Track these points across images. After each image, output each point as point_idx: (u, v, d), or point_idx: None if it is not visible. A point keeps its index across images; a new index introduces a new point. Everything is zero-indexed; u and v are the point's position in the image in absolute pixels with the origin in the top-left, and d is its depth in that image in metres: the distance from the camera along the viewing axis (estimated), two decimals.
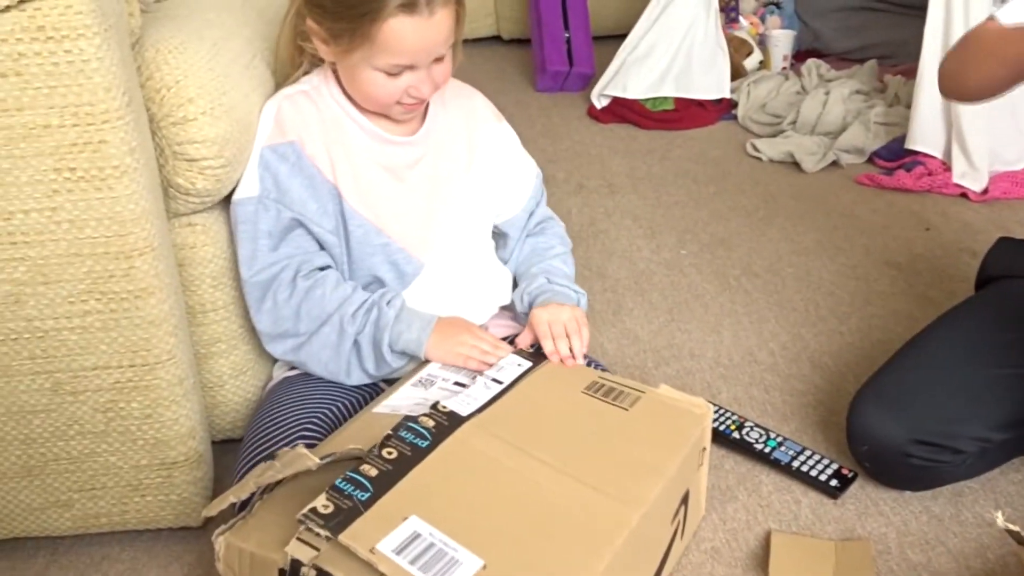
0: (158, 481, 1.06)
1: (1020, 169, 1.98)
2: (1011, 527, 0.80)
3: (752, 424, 1.28)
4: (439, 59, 1.08)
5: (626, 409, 1.01)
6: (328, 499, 0.80)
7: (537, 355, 1.10)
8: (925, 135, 2.05)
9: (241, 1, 1.23)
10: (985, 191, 1.96)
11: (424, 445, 0.90)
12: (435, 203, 1.18)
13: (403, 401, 1.02)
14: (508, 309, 1.26)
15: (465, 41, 1.15)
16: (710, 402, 1.30)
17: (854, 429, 1.17)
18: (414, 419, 0.93)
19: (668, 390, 1.06)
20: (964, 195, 1.98)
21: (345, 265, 1.14)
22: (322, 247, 1.11)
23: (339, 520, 0.79)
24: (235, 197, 1.09)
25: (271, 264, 1.08)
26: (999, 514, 0.82)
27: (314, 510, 0.79)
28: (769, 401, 1.37)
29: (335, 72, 1.13)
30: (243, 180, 1.08)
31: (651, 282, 1.74)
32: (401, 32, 1.02)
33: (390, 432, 0.91)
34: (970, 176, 1.98)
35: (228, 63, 1.06)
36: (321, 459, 0.84)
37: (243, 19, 1.19)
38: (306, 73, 1.16)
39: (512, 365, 1.07)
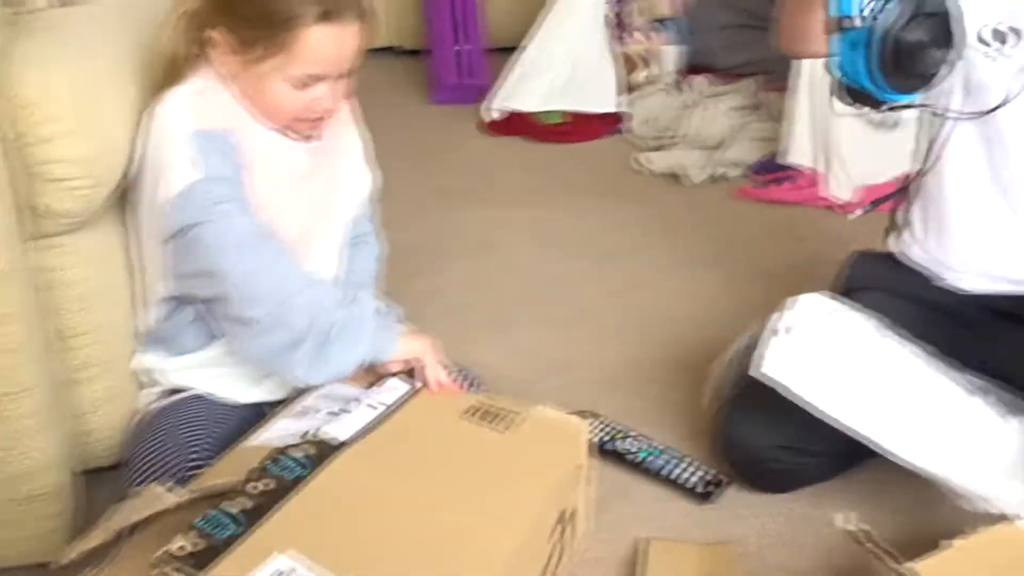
0: (16, 516, 1.02)
1: (884, 182, 2.08)
2: (850, 528, 0.85)
3: (631, 434, 1.32)
4: (345, 74, 1.10)
5: (504, 432, 1.02)
6: (186, 540, 0.79)
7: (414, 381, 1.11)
8: (798, 149, 2.14)
9: (117, 17, 1.20)
10: (853, 203, 2.07)
11: (296, 476, 0.89)
12: (321, 210, 1.19)
13: (278, 433, 1.00)
14: None
15: None
16: (592, 413, 1.35)
17: (724, 436, 1.23)
18: (284, 450, 0.92)
19: (546, 409, 1.07)
20: (831, 207, 2.08)
21: None
22: None
23: (197, 562, 0.77)
24: (173, 190, 1.02)
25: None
26: (839, 516, 0.87)
27: (168, 553, 0.77)
28: (649, 410, 1.42)
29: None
30: (174, 172, 1.03)
31: (540, 295, 1.77)
32: (320, 41, 1.03)
33: (259, 464, 0.90)
34: (839, 189, 2.08)
35: (98, 80, 1.04)
36: (182, 497, 0.83)
37: (117, 35, 1.16)
38: None
39: (393, 388, 1.07)
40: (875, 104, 0.93)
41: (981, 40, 1.14)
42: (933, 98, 1.21)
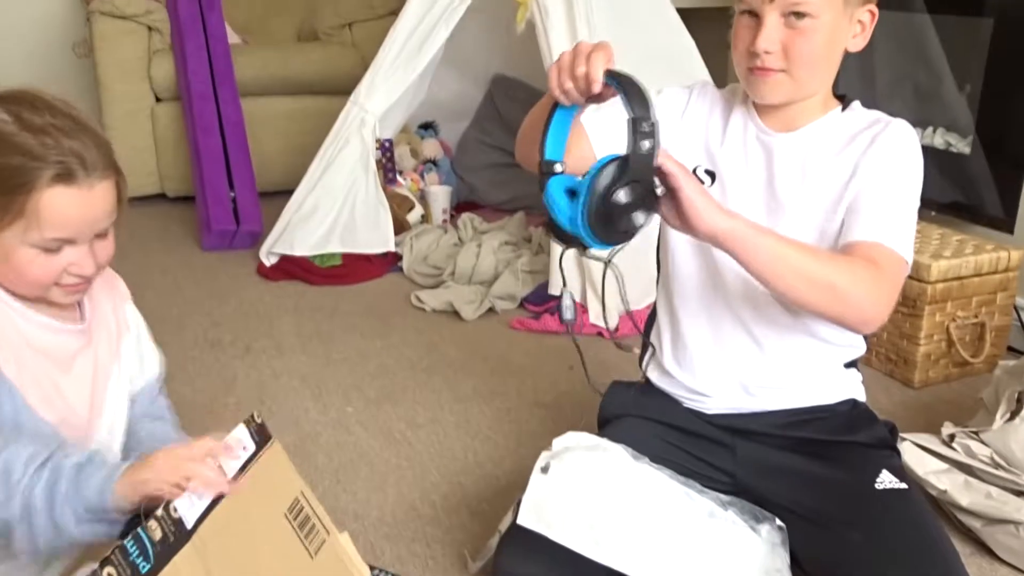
0: None
1: (642, 308, 2.24)
2: None
3: None
4: (102, 235, 1.04)
5: (312, 556, 0.99)
6: None
7: (263, 432, 1.04)
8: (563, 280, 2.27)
9: None
10: (617, 329, 2.20)
11: (146, 570, 0.82)
12: (98, 391, 1.11)
13: None
14: None
15: (129, 199, 1.11)
16: (372, 566, 1.32)
17: (500, 572, 1.24)
18: (144, 526, 0.85)
19: (347, 541, 1.05)
20: (600, 334, 2.21)
21: None
22: None
23: None
24: None
25: None
26: None
27: None
28: (431, 555, 1.41)
29: None
30: None
31: (317, 444, 1.74)
32: (59, 204, 0.97)
33: (119, 544, 0.82)
34: (603, 317, 2.21)
35: None
36: None
37: None
38: None
39: (239, 446, 0.99)
40: (581, 248, 1.04)
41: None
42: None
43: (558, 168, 1.06)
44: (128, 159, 3.44)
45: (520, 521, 1.15)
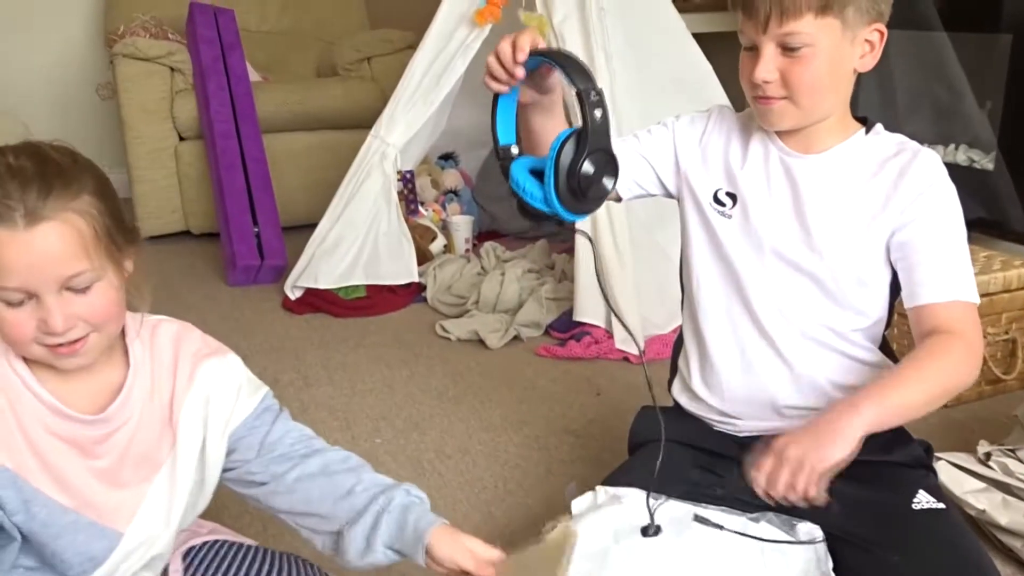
0: None
1: (669, 331, 2.24)
2: None
3: None
4: (78, 290, 0.91)
5: None
6: None
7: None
8: (588, 307, 2.28)
9: None
10: (643, 352, 2.19)
11: None
12: (133, 469, 1.03)
13: None
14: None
15: (153, 237, 1.10)
16: None
17: None
18: None
19: None
20: (626, 359, 2.21)
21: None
22: None
23: None
24: None
25: None
26: None
27: None
28: None
29: None
30: None
31: None
32: None
33: None
34: (629, 341, 2.21)
35: None
36: None
37: None
38: None
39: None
40: (559, 223, 1.09)
41: (717, 200, 1.28)
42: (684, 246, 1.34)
43: (514, 151, 1.11)
44: (152, 197, 3.48)
45: None
